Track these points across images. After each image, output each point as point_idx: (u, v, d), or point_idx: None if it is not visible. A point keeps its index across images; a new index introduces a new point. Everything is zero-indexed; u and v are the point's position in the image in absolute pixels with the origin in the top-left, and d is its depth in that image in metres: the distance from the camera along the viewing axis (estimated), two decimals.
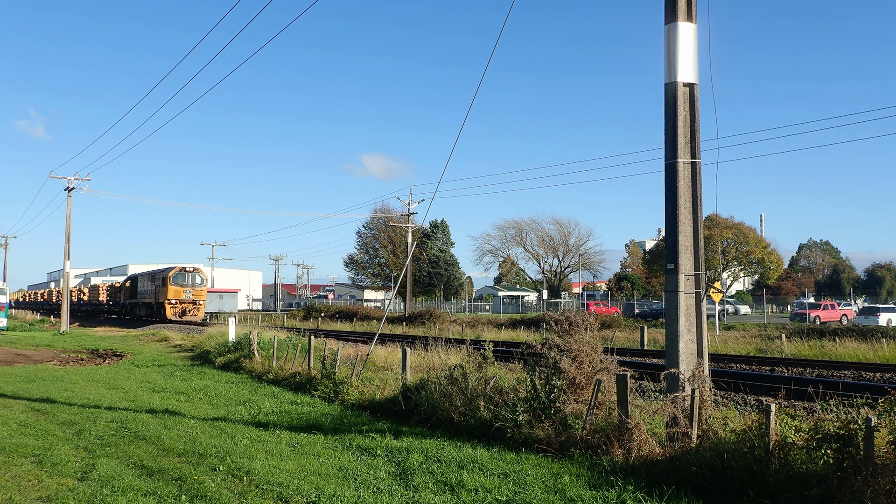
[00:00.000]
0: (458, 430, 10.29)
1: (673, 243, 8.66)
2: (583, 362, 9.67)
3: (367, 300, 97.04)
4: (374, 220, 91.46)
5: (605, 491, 7.14)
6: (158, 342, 33.67)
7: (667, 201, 8.83)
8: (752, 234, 69.55)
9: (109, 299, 67.24)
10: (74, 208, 62.09)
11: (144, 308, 55.20)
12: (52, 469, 8.60)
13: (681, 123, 8.72)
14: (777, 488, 6.63)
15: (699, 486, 7.11)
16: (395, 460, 8.77)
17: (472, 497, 7.16)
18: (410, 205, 60.46)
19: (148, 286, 54.76)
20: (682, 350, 8.45)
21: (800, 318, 48.90)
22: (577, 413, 9.29)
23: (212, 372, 20.27)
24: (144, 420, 11.96)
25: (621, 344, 27.86)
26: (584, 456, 8.37)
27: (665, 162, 8.83)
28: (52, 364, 23.33)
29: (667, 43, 8.87)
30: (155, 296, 52.00)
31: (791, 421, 7.43)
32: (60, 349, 30.06)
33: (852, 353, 23.00)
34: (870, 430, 6.25)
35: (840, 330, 30.17)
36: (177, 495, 7.39)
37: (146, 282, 55.91)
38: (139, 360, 24.32)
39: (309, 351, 17.17)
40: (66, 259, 46.80)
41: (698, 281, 8.64)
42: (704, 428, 7.89)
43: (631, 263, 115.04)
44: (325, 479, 7.94)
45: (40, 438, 10.44)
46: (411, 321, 48.53)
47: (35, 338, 38.01)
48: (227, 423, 11.61)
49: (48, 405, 13.72)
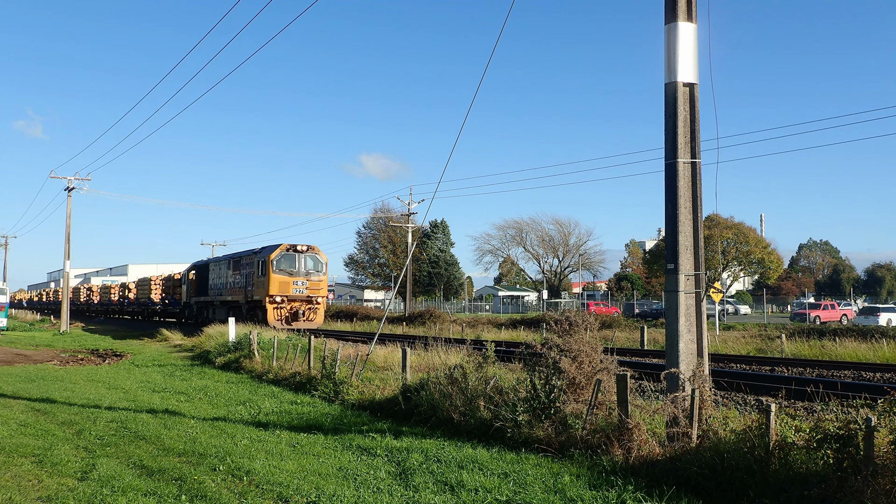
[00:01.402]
0: (458, 430, 10.29)
1: (673, 243, 8.66)
2: (583, 362, 9.67)
3: (367, 300, 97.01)
4: (374, 220, 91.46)
5: (605, 491, 7.14)
6: (158, 342, 33.68)
7: (667, 201, 8.83)
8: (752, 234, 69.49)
9: (165, 296, 52.79)
10: (74, 208, 61.89)
11: (223, 309, 37.64)
12: (52, 469, 8.60)
13: (681, 123, 8.72)
14: (777, 488, 6.63)
15: (699, 486, 7.11)
16: (395, 460, 8.77)
17: (472, 497, 7.16)
18: (410, 205, 60.47)
19: (230, 277, 37.95)
20: (682, 350, 8.45)
21: (800, 318, 48.92)
22: (577, 413, 9.29)
23: (212, 372, 20.27)
24: (144, 420, 11.96)
25: (621, 344, 27.87)
26: (584, 456, 8.37)
27: (665, 162, 8.83)
28: (52, 364, 23.33)
29: (667, 43, 8.87)
30: (245, 291, 35.53)
31: (791, 421, 7.43)
32: (60, 349, 30.05)
33: (852, 353, 23.00)
34: (870, 430, 6.24)
35: (840, 330, 30.18)
36: (177, 495, 7.39)
37: (225, 270, 38.74)
38: (139, 360, 24.32)
39: (309, 351, 17.17)
40: (66, 259, 46.79)
41: (698, 281, 8.64)
42: (704, 428, 7.89)
43: (631, 263, 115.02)
44: (325, 479, 7.93)
45: (40, 438, 10.43)
46: (411, 321, 48.53)
47: (35, 338, 38.01)
48: (227, 423, 11.61)
49: (48, 405, 13.72)
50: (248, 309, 34.62)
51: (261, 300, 33.03)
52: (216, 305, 39.61)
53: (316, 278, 33.50)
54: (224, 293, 38.46)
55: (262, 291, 32.80)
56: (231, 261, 38.29)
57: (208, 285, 41.13)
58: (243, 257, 36.62)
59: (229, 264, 38.32)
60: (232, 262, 38.14)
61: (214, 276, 40.40)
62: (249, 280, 34.98)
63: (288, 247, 32.90)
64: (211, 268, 41.37)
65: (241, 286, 36.09)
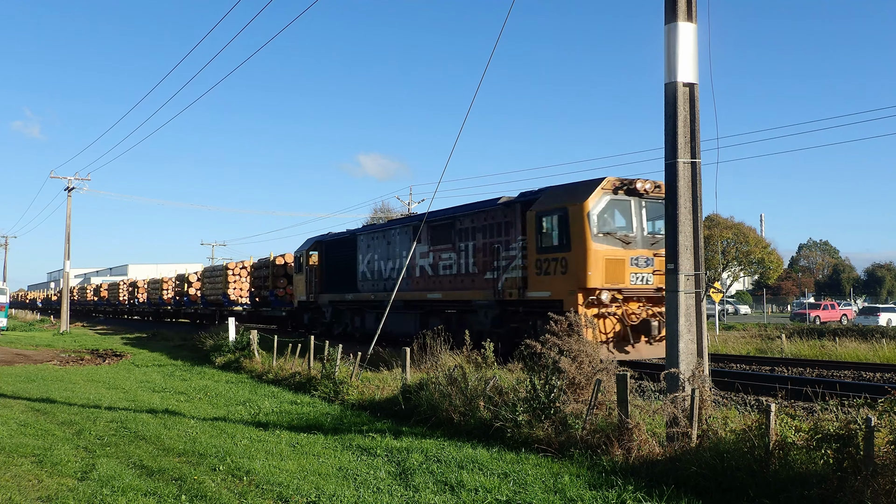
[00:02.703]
0: (457, 430, 10.29)
1: (673, 243, 8.66)
2: (582, 362, 9.68)
3: None
4: (374, 220, 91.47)
5: (605, 491, 7.14)
6: (159, 342, 33.68)
7: (667, 201, 8.84)
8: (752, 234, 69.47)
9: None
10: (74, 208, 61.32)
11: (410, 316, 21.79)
12: (52, 469, 8.60)
13: (681, 123, 8.72)
14: (777, 488, 6.63)
15: (699, 485, 7.11)
16: (395, 460, 8.77)
17: (472, 497, 7.16)
18: (410, 205, 60.46)
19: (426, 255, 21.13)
20: (682, 350, 8.45)
21: (800, 318, 48.91)
22: (576, 413, 9.29)
23: (212, 372, 20.28)
24: (144, 420, 11.96)
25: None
26: (584, 456, 8.37)
27: (665, 162, 8.84)
28: (53, 364, 23.33)
29: (667, 43, 8.87)
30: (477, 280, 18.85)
31: (791, 421, 7.43)
32: (60, 349, 30.05)
33: (852, 353, 22.98)
34: (870, 430, 6.25)
35: (840, 330, 30.17)
36: (177, 495, 7.39)
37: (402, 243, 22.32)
38: (139, 360, 24.32)
39: (309, 351, 17.18)
40: (66, 259, 46.79)
41: (698, 281, 8.64)
42: (704, 428, 7.89)
43: None
44: (325, 479, 7.94)
45: (40, 438, 10.44)
46: None
47: (35, 338, 38.01)
48: (227, 423, 11.61)
49: (48, 405, 13.72)
50: (494, 317, 18.05)
51: (551, 297, 16.04)
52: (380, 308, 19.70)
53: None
54: (407, 284, 21.58)
55: (559, 282, 15.94)
56: (428, 225, 20.45)
57: (357, 273, 24.65)
58: (474, 213, 18.99)
59: (424, 232, 20.67)
60: (430, 227, 20.57)
61: (377, 254, 23.76)
62: (494, 259, 17.96)
63: (617, 184, 16.00)
64: (367, 242, 24.52)
65: (466, 271, 19.17)
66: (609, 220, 16.07)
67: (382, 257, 23.73)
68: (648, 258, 16.16)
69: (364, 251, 24.85)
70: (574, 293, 15.54)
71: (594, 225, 15.62)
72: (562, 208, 16.14)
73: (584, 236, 15.49)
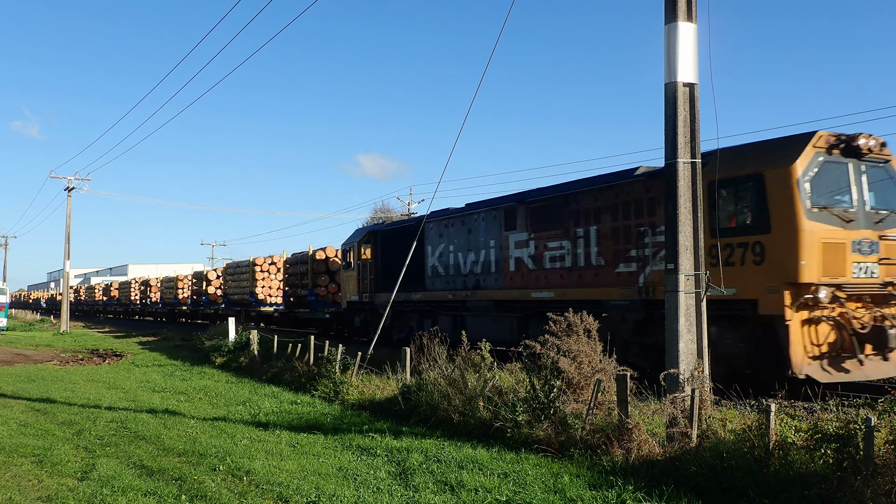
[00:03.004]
0: (457, 430, 10.30)
1: (673, 243, 8.67)
2: (582, 362, 9.68)
3: None
4: (374, 220, 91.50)
5: (604, 491, 7.14)
6: (159, 342, 33.70)
7: (667, 201, 8.84)
8: None
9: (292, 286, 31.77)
10: (74, 208, 60.91)
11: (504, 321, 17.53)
12: (52, 469, 8.61)
13: (681, 123, 8.73)
14: (777, 488, 6.63)
15: (699, 486, 7.11)
16: (395, 460, 8.78)
17: (472, 497, 7.16)
18: (410, 205, 60.46)
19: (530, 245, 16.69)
20: (682, 350, 8.45)
21: None
22: (576, 413, 9.30)
23: (212, 372, 20.28)
24: (144, 420, 11.97)
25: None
26: (583, 456, 8.37)
27: (665, 162, 8.85)
28: (53, 364, 23.34)
29: (667, 43, 8.87)
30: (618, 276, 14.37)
31: (791, 421, 7.43)
32: (60, 349, 30.06)
33: None
34: (869, 430, 6.25)
35: None
36: (177, 495, 7.39)
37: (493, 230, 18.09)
38: (139, 360, 24.32)
39: (309, 350, 17.17)
40: (66, 259, 46.79)
41: (698, 281, 8.64)
42: (704, 428, 7.90)
43: None
44: (325, 479, 7.94)
45: (40, 438, 10.44)
46: None
47: (35, 338, 38.02)
48: (227, 423, 11.62)
49: (48, 405, 13.73)
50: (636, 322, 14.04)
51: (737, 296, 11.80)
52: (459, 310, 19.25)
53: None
54: (497, 281, 17.99)
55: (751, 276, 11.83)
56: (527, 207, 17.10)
57: (426, 268, 21.00)
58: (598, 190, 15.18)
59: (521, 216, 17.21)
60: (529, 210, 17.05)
61: (452, 245, 19.97)
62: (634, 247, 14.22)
63: (832, 140, 11.99)
64: (438, 231, 20.71)
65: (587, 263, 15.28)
66: (825, 190, 11.87)
67: (461, 248, 19.59)
68: (873, 242, 12.03)
69: (434, 241, 20.79)
70: (777, 290, 11.48)
71: (806, 196, 11.55)
72: (755, 175, 12.08)
73: (794, 212, 11.49)
